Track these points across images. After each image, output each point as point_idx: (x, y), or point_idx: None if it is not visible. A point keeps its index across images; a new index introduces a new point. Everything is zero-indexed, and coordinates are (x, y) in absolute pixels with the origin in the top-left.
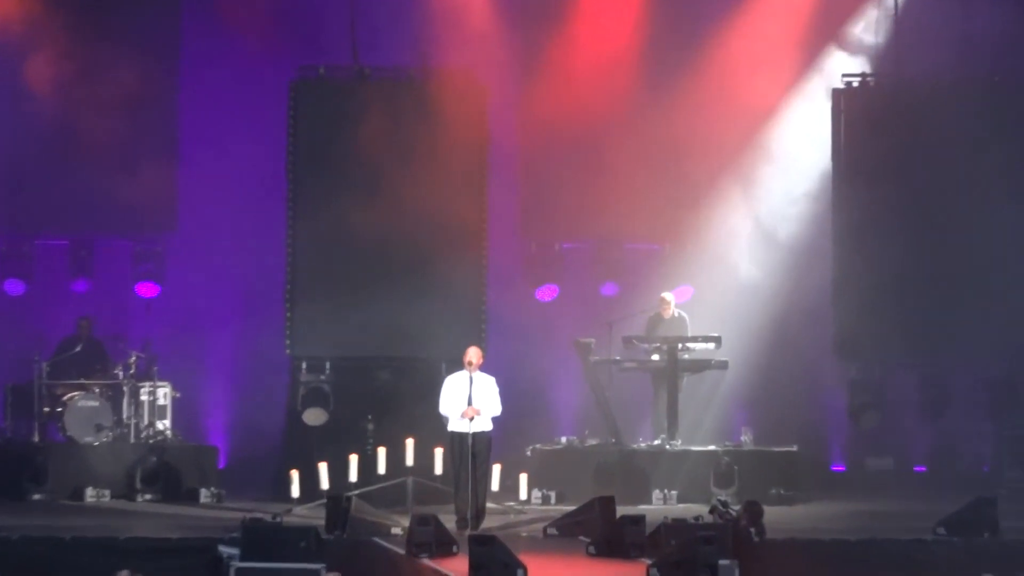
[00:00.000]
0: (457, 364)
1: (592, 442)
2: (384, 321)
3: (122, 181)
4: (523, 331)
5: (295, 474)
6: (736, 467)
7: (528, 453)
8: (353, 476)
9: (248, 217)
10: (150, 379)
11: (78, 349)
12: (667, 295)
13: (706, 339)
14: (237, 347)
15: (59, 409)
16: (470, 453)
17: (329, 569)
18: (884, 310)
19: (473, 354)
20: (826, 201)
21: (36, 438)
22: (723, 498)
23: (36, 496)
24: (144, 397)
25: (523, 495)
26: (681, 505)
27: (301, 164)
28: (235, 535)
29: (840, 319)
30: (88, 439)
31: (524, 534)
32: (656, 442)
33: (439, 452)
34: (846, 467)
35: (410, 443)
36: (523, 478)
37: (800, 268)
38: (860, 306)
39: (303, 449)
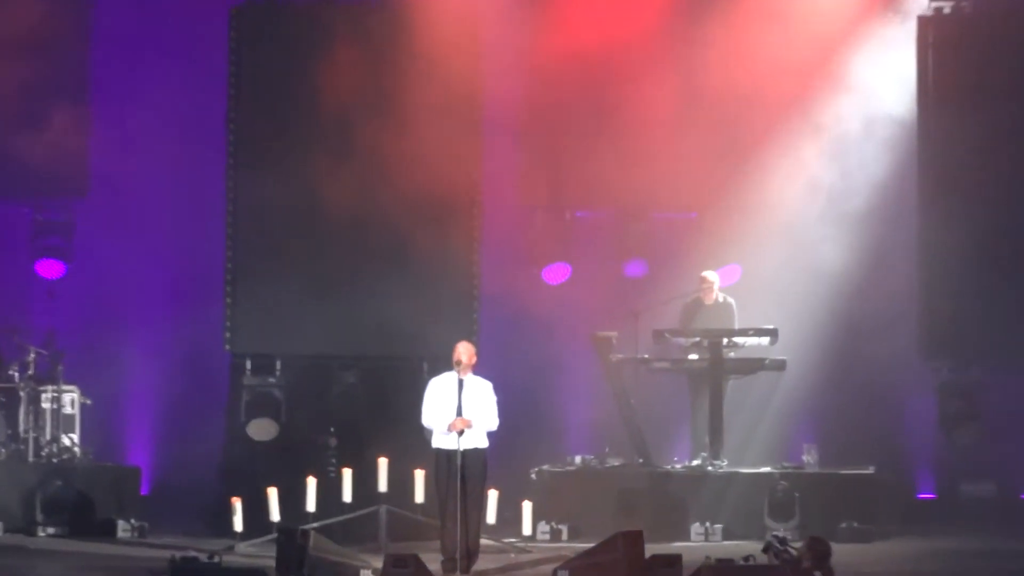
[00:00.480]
0: (443, 364)
1: (614, 462)
2: (350, 311)
3: (19, 135)
4: (526, 323)
5: (237, 502)
6: (797, 494)
7: (532, 476)
8: (311, 505)
9: (178, 181)
10: (54, 382)
11: None
12: (709, 275)
13: (759, 332)
14: (164, 342)
15: None
16: (459, 476)
17: None
18: (985, 297)
19: (463, 352)
20: (909, 152)
21: None
22: (780, 534)
23: None
24: (46, 405)
25: (527, 529)
26: (727, 542)
27: (245, 114)
28: None
29: (929, 308)
30: None
31: None
32: (695, 462)
33: (420, 475)
34: (936, 494)
35: (383, 463)
36: (526, 507)
37: (878, 243)
38: (954, 292)
39: (248, 471)
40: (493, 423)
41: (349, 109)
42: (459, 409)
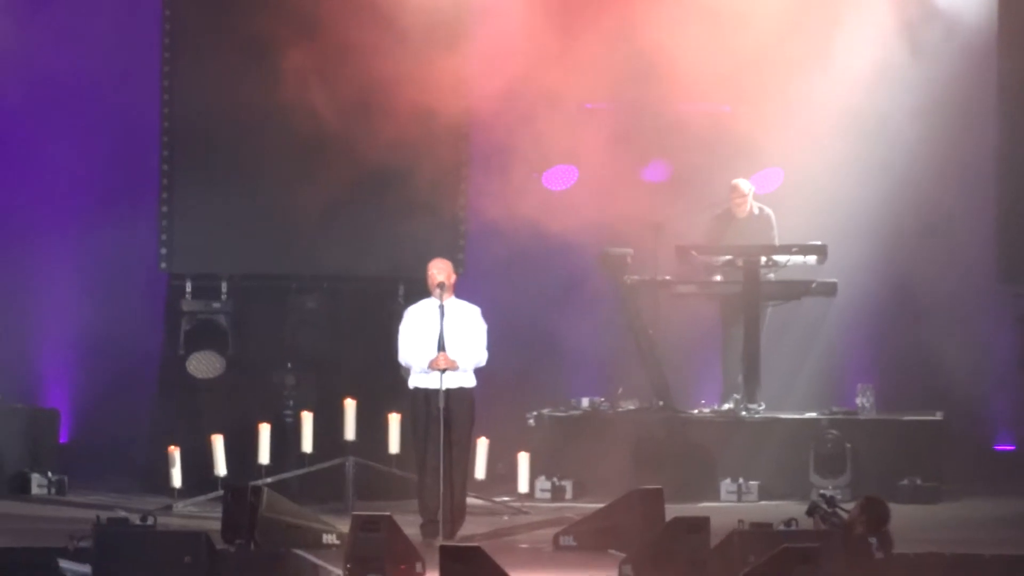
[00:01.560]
0: (422, 288)
1: (628, 406)
2: (310, 221)
3: None
4: (523, 238)
5: (175, 452)
6: (848, 445)
7: (530, 422)
8: (264, 456)
9: (105, 70)
10: None
11: None
12: (742, 183)
13: (803, 249)
14: (86, 261)
15: None
16: (441, 421)
17: None
18: None
19: (440, 270)
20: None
21: None
22: (828, 493)
23: None
24: None
25: (523, 486)
26: (764, 503)
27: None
28: (84, 544)
29: (1008, 224)
30: None
31: (525, 545)
32: (726, 406)
33: (395, 420)
34: (1016, 445)
35: (351, 406)
36: (523, 460)
37: (950, 147)
38: None
39: (188, 415)
40: (481, 356)
41: None
42: (441, 342)
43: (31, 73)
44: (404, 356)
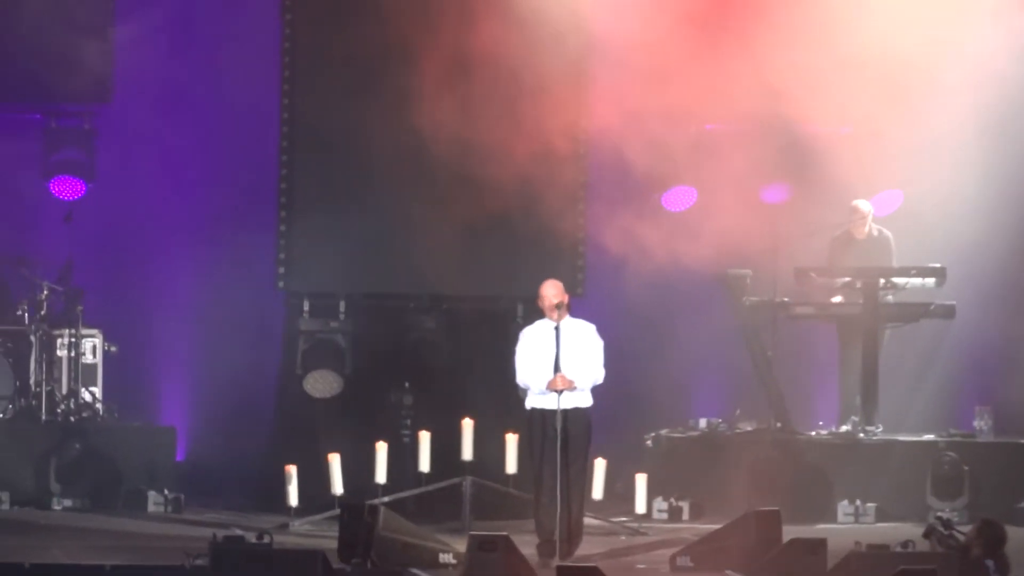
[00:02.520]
0: (540, 308)
1: (746, 427)
2: (428, 242)
3: (31, 26)
4: (642, 259)
5: (292, 471)
6: (966, 468)
7: (648, 443)
8: (381, 476)
9: (223, 89)
10: (71, 324)
11: None
12: (862, 204)
13: (923, 272)
14: (203, 278)
15: None
16: (559, 442)
17: None
18: None
19: (552, 292)
20: None
21: None
22: (945, 515)
23: None
24: (62, 352)
25: (640, 506)
26: (881, 524)
27: (305, 15)
28: (200, 562)
29: None
30: None
31: (642, 565)
32: (844, 428)
33: (512, 440)
34: None
35: (468, 426)
36: (640, 481)
37: None
38: None
39: (305, 434)
40: (599, 374)
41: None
42: (557, 362)
43: (151, 91)
44: (522, 377)
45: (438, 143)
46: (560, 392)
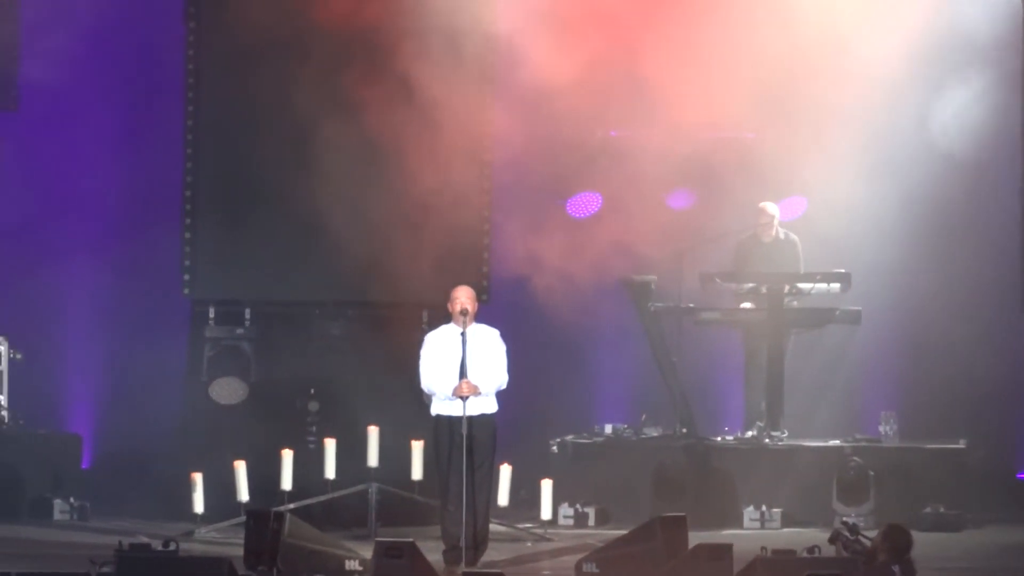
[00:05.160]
0: (445, 314)
1: (651, 433)
2: (333, 249)
3: None
4: (546, 264)
5: (198, 478)
6: (872, 473)
7: (553, 449)
8: (287, 483)
9: (126, 95)
10: None
11: None
12: (769, 206)
13: (827, 277)
14: (110, 286)
15: None
16: (465, 448)
17: None
18: None
19: (464, 297)
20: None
21: None
22: (851, 520)
23: None
24: None
25: (546, 513)
26: (787, 530)
27: (210, 18)
28: (106, 570)
29: None
30: None
31: (547, 572)
32: (750, 433)
33: (418, 446)
34: None
35: (374, 432)
36: (546, 487)
37: (976, 176)
38: None
39: (210, 442)
40: (503, 379)
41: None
42: (463, 368)
43: (57, 98)
44: (427, 383)
45: (340, 153)
46: (466, 398)
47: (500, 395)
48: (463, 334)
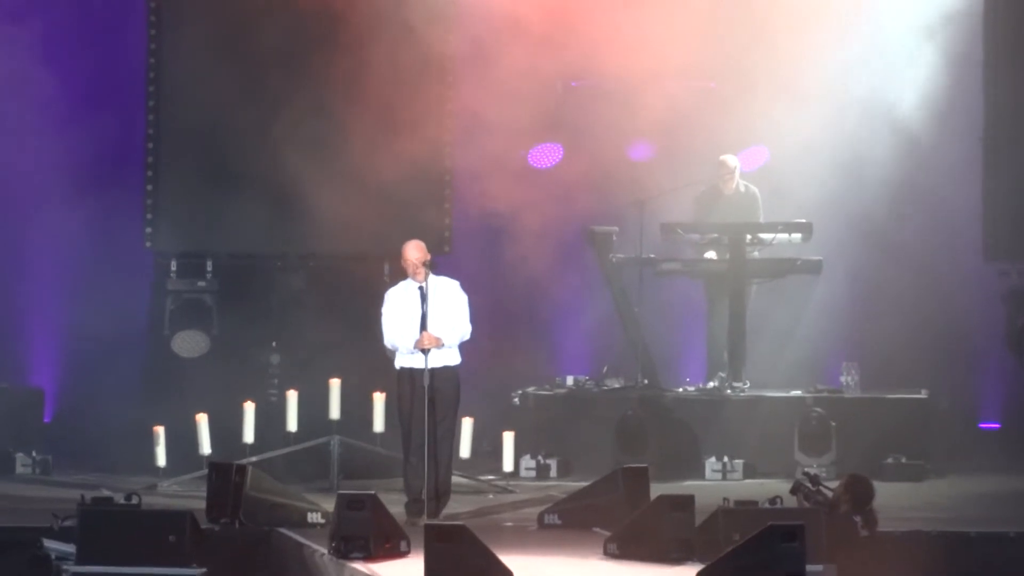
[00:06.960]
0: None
1: (613, 384)
2: (295, 201)
3: None
4: (507, 215)
5: (160, 431)
6: (833, 424)
7: (515, 401)
8: (249, 435)
9: (90, 40)
10: None
11: None
12: (729, 159)
13: (789, 227)
14: (70, 239)
15: None
16: (427, 400)
17: None
18: None
19: (414, 253)
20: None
21: None
22: (813, 471)
23: None
24: None
25: (508, 465)
26: (749, 481)
27: None
28: (68, 523)
29: (995, 200)
30: None
31: (510, 523)
32: (711, 384)
33: (380, 399)
34: (1001, 423)
35: (336, 385)
36: (508, 439)
37: (936, 123)
38: None
39: (172, 395)
40: (466, 330)
41: None
42: (424, 321)
43: (17, 46)
44: (389, 339)
45: (301, 103)
46: (427, 351)
47: (462, 347)
48: (421, 288)
